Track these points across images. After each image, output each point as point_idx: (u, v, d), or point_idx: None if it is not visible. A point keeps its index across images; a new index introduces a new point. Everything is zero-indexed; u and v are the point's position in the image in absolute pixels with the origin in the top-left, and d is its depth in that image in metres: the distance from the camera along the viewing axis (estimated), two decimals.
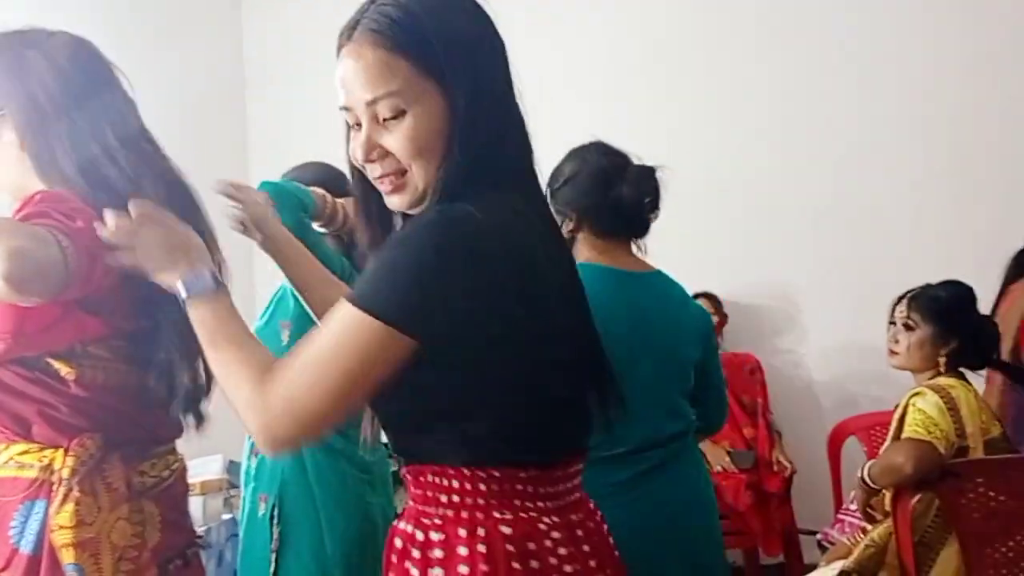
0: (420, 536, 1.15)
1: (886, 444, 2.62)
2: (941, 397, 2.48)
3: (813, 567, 2.77)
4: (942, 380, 2.56)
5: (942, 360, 2.61)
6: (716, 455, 3.93)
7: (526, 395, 1.15)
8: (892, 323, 2.74)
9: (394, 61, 1.14)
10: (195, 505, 2.40)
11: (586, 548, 1.18)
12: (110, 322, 1.39)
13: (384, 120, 1.16)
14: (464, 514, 1.13)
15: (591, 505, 1.27)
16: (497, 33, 1.22)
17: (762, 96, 4.41)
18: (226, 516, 2.88)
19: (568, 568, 1.14)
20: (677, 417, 2.02)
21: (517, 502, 1.14)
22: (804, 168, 4.34)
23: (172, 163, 1.52)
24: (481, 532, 1.11)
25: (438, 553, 1.12)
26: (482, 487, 1.13)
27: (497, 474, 1.13)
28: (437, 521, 1.14)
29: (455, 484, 1.13)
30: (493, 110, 1.18)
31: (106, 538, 1.36)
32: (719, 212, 4.46)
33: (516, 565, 1.10)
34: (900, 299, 2.76)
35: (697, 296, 4.30)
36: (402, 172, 1.18)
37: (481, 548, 1.10)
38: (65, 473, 1.34)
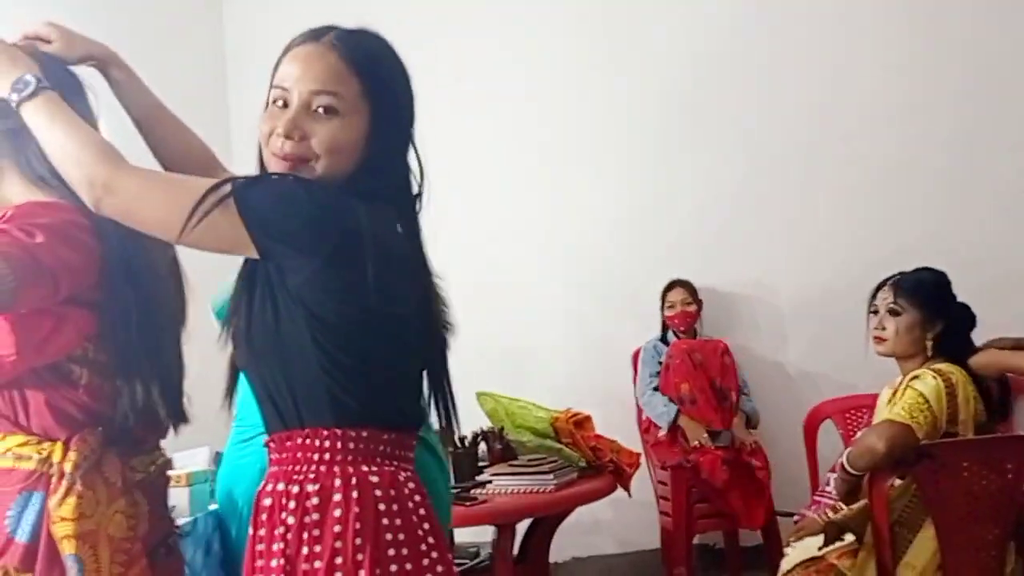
0: (295, 490, 1.29)
1: (874, 422, 2.64)
2: (943, 380, 2.50)
3: None
4: (943, 365, 2.56)
5: (929, 344, 2.63)
6: (695, 431, 4.00)
7: (390, 370, 1.35)
8: (874, 312, 2.73)
9: (348, 75, 1.36)
10: (182, 496, 2.41)
11: (429, 500, 1.37)
12: (96, 314, 1.42)
13: (315, 111, 1.35)
14: (336, 468, 1.29)
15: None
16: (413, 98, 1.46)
17: (735, 88, 4.46)
18: (213, 507, 2.88)
19: (422, 511, 1.33)
20: None
21: (379, 458, 1.32)
22: (779, 159, 4.39)
23: None
24: (354, 481, 1.29)
25: (315, 501, 1.28)
26: (351, 445, 1.31)
27: (365, 434, 1.31)
28: (311, 476, 1.30)
29: (327, 444, 1.30)
30: (398, 146, 1.43)
31: (104, 531, 1.40)
32: (697, 202, 4.51)
33: (382, 507, 1.28)
34: (879, 288, 2.76)
35: (673, 284, 4.35)
36: (306, 160, 1.35)
37: (354, 494, 1.28)
38: (68, 467, 1.38)
